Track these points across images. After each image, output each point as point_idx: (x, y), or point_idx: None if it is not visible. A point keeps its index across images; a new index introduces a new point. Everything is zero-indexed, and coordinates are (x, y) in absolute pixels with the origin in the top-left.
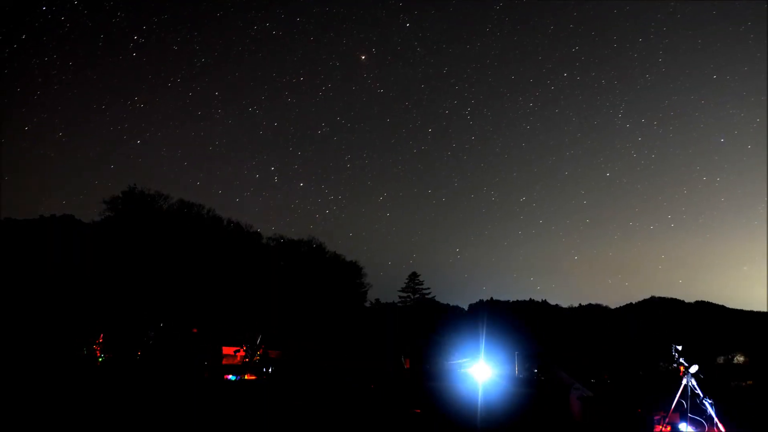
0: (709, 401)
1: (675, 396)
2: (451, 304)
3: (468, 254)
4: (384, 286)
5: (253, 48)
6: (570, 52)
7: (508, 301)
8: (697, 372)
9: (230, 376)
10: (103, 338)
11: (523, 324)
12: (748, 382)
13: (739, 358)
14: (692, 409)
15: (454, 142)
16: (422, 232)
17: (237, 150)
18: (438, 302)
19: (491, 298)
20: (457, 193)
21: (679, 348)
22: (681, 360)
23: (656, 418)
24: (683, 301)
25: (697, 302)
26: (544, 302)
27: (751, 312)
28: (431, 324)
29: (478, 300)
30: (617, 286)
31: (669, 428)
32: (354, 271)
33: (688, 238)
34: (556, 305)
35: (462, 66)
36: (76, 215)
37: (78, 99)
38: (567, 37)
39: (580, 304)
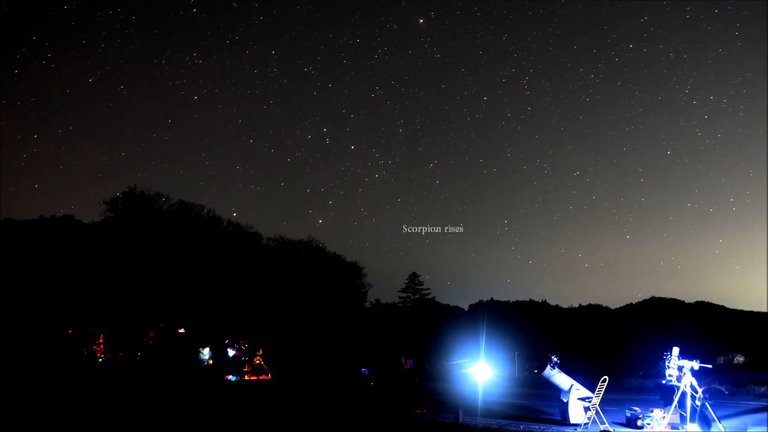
0: (709, 401)
1: (675, 396)
2: (451, 305)
3: (516, 225)
4: (384, 286)
5: (311, 7)
6: (638, 23)
7: (508, 301)
8: (698, 368)
9: (230, 377)
10: (103, 339)
11: (523, 324)
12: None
13: (739, 359)
14: (692, 410)
15: (509, 112)
16: (471, 201)
17: (290, 110)
18: (438, 302)
19: (491, 298)
20: (510, 164)
21: (676, 350)
22: (680, 360)
23: (656, 418)
24: (683, 301)
25: (697, 302)
26: (544, 302)
27: (751, 312)
28: (431, 324)
29: (478, 300)
30: (617, 286)
31: (669, 428)
32: (354, 271)
33: (750, 222)
34: (556, 306)
35: (522, 33)
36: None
37: (138, 53)
38: (636, 6)
39: (580, 305)
